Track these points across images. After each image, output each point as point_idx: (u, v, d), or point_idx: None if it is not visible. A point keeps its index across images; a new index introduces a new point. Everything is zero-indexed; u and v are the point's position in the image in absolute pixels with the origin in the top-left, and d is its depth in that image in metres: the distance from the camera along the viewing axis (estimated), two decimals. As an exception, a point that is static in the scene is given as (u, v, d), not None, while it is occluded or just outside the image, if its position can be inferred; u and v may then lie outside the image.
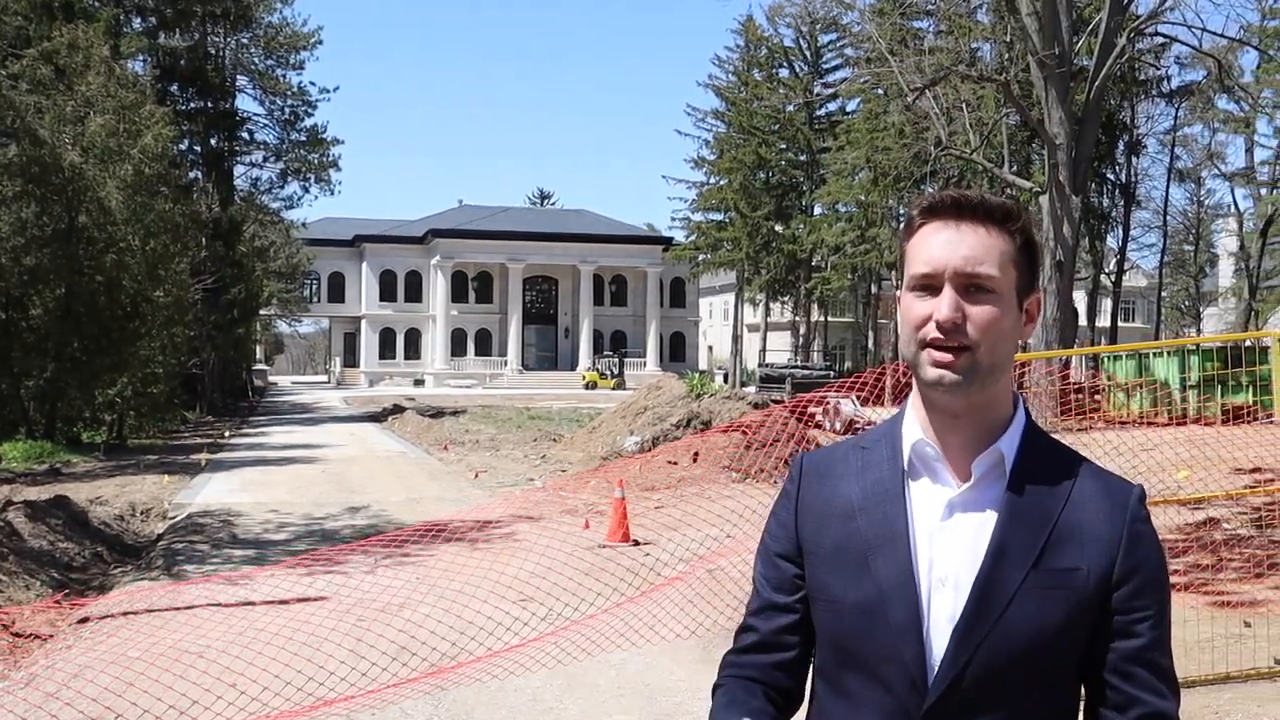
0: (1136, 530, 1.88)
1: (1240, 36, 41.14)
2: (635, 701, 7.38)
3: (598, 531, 13.70)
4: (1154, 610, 1.87)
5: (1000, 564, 1.83)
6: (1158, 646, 1.87)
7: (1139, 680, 1.86)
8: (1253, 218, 63.08)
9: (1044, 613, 1.82)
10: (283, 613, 8.92)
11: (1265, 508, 13.28)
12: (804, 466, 2.07)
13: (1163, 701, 1.86)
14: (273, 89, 57.61)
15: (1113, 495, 1.91)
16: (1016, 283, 1.88)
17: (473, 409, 46.66)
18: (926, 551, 1.88)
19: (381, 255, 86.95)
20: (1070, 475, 1.91)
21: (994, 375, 1.86)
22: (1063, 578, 1.84)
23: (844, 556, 1.92)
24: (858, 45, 59.75)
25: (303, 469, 23.87)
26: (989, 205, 1.88)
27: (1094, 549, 1.85)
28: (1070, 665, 1.88)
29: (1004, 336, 1.85)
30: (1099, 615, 1.86)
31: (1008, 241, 1.87)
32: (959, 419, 1.89)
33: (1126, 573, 1.86)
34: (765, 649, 2.05)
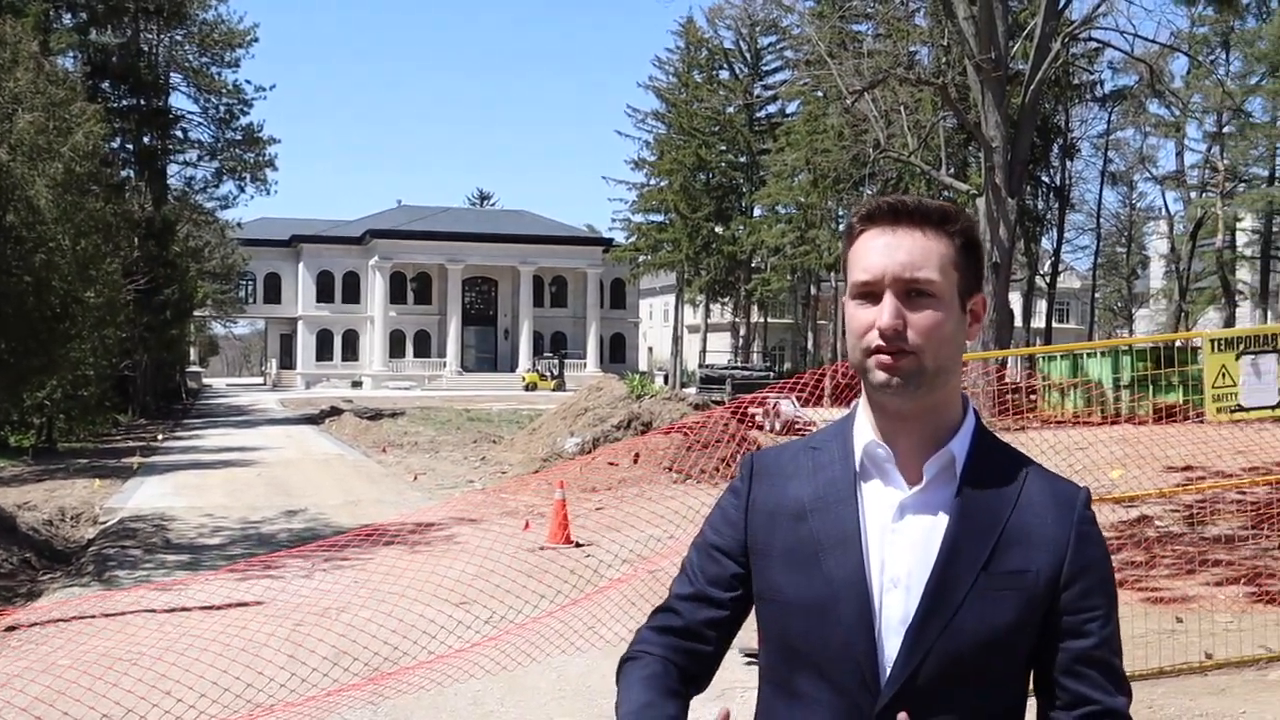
0: (1084, 531, 1.89)
1: (1171, 43, 41.79)
2: (576, 704, 7.34)
3: (538, 533, 13.65)
4: (1102, 610, 1.88)
5: (951, 566, 1.84)
6: (1107, 645, 1.88)
7: (1089, 679, 1.86)
8: (1183, 220, 64.12)
9: (994, 614, 1.83)
10: (218, 618, 8.79)
11: (1196, 505, 13.50)
12: (754, 466, 2.06)
13: (1112, 699, 1.87)
14: (207, 87, 56.94)
15: (1060, 497, 1.92)
16: (958, 284, 1.88)
17: (411, 411, 46.36)
18: (878, 553, 1.87)
19: (319, 256, 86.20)
20: (1018, 477, 1.92)
21: (940, 378, 1.87)
22: (1012, 579, 1.84)
23: (796, 557, 1.92)
24: (797, 48, 60.14)
25: (238, 472, 23.60)
26: (926, 209, 1.88)
27: (1043, 551, 1.86)
28: (1020, 665, 1.89)
29: (947, 339, 1.86)
30: (1048, 616, 1.87)
31: (947, 244, 1.87)
32: (908, 421, 1.89)
33: (1075, 574, 1.87)
34: (686, 635, 2.04)
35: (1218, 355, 7.39)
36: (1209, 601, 9.28)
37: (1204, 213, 58.16)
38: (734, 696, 7.12)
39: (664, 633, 2.06)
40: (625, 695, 1.98)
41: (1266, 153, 57.36)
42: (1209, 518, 12.91)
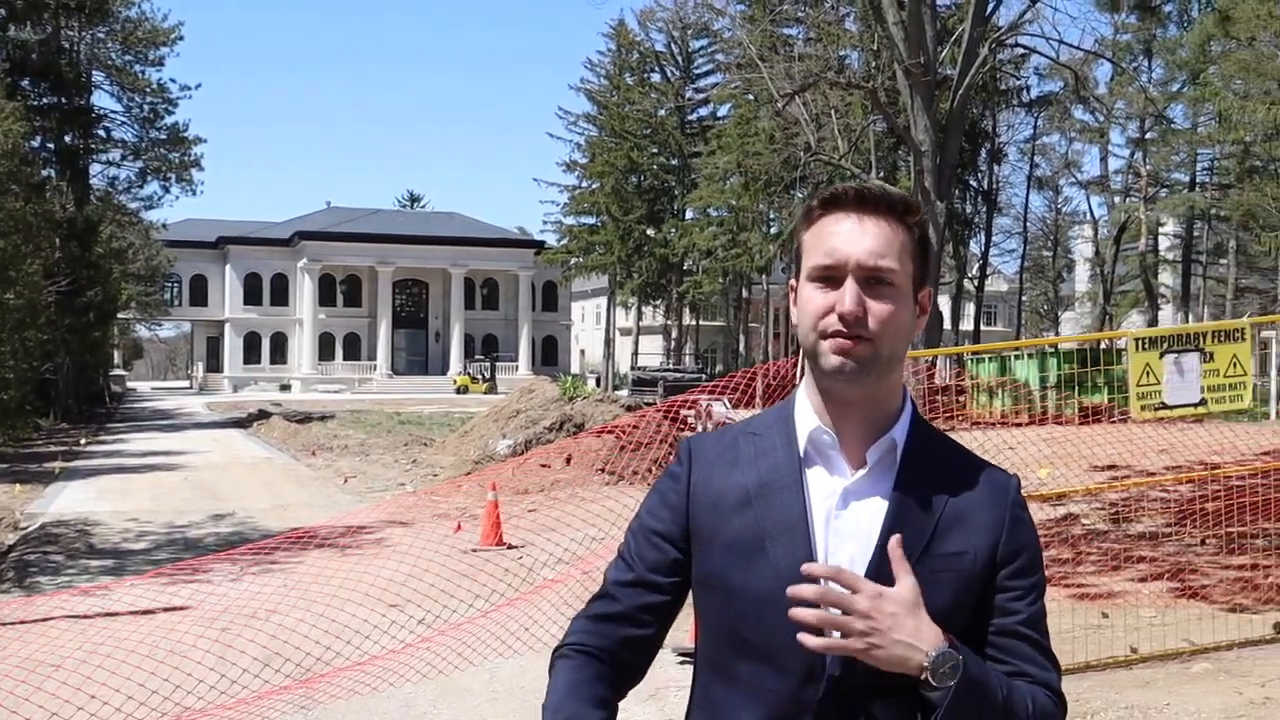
0: (1017, 515, 1.94)
1: (1095, 49, 42.46)
2: (510, 705, 7.31)
3: (470, 535, 13.57)
4: (1035, 589, 1.93)
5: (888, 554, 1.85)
6: (1037, 622, 1.92)
7: (1021, 654, 1.90)
8: (1107, 225, 65.23)
9: (934, 597, 1.83)
10: (144, 623, 8.65)
11: (1120, 503, 13.73)
12: (692, 450, 2.05)
13: (1046, 673, 1.91)
14: (131, 85, 55.93)
15: (993, 482, 1.96)
16: (913, 275, 1.90)
17: (341, 414, 45.92)
18: (823, 539, 1.88)
19: (246, 258, 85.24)
20: (954, 464, 1.96)
21: (890, 366, 1.89)
22: (951, 561, 1.87)
23: (741, 545, 1.91)
24: (729, 51, 60.45)
25: (164, 476, 23.24)
26: (891, 198, 1.90)
27: (979, 533, 1.90)
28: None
29: (902, 329, 1.88)
30: (982, 595, 1.90)
31: (907, 234, 1.89)
32: (853, 407, 1.90)
33: (1010, 554, 1.91)
34: (624, 621, 2.02)
35: (1142, 354, 7.50)
36: (1134, 597, 9.43)
37: (1127, 217, 59.21)
38: (667, 696, 7.13)
39: (602, 620, 2.04)
40: (552, 701, 1.95)
41: (1187, 158, 58.52)
42: (1133, 516, 13.13)
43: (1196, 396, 7.44)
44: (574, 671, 1.99)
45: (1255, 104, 34.60)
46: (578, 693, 1.95)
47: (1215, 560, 10.68)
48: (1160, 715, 6.57)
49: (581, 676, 1.97)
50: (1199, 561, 10.70)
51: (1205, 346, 7.44)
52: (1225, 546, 10.86)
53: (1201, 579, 9.94)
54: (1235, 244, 56.54)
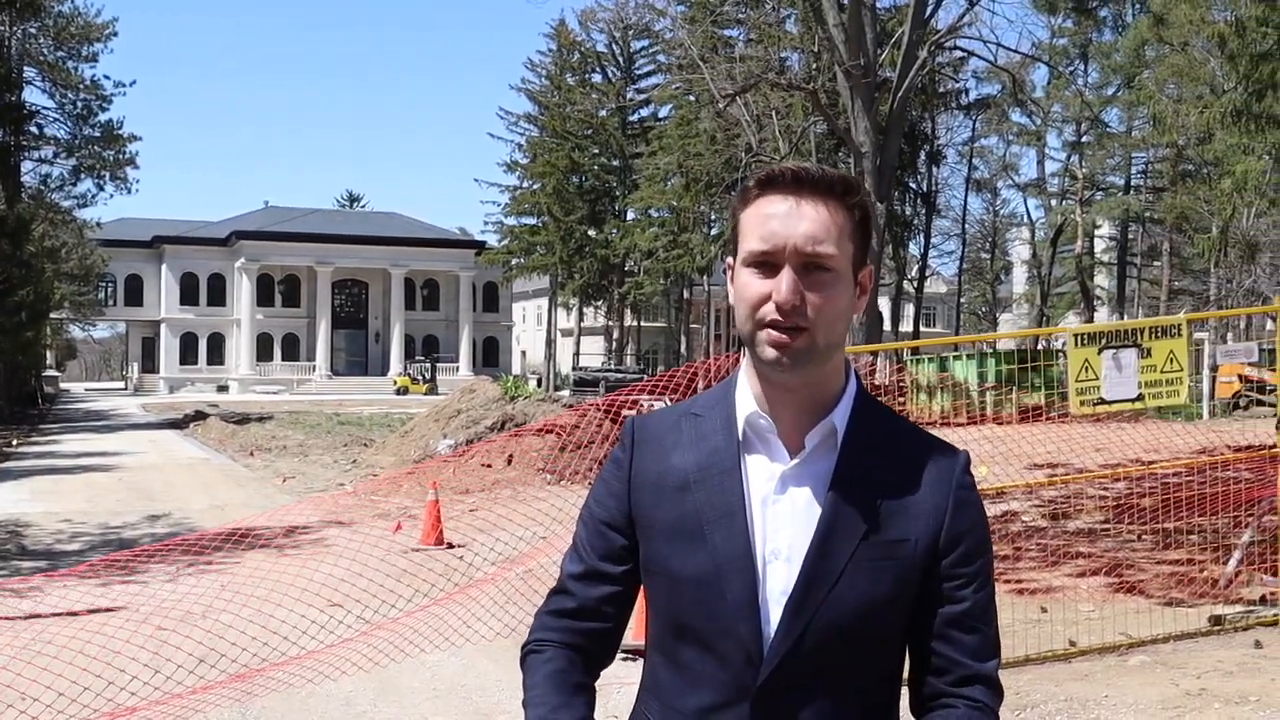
0: (961, 498, 1.88)
1: (1032, 53, 43.00)
2: (451, 702, 7.25)
3: (411, 535, 13.46)
4: (977, 576, 1.89)
5: (830, 538, 1.82)
6: (979, 611, 1.89)
7: (959, 644, 1.87)
8: (1044, 227, 66.07)
9: (874, 585, 1.81)
10: (75, 624, 8.48)
11: (1059, 500, 13.89)
12: (635, 434, 2.02)
13: (981, 664, 1.87)
14: (64, 82, 55.08)
15: (939, 463, 1.90)
16: (853, 257, 1.85)
17: (280, 415, 45.48)
18: (761, 525, 1.85)
19: (183, 257, 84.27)
20: (899, 445, 1.91)
21: (830, 353, 1.84)
22: (891, 549, 1.83)
23: (681, 530, 1.89)
24: (670, 52, 60.45)
25: (98, 477, 22.88)
26: (829, 179, 1.83)
27: (921, 519, 1.85)
28: (897, 633, 1.89)
29: (840, 315, 1.83)
30: (925, 583, 1.86)
31: (846, 216, 1.83)
32: (792, 392, 1.87)
33: (952, 540, 1.86)
34: (584, 615, 2.02)
35: (1081, 350, 7.57)
36: (1072, 592, 9.52)
37: (1064, 220, 59.94)
38: (610, 693, 7.10)
39: (561, 616, 2.03)
40: (534, 695, 1.94)
41: (1122, 162, 59.43)
42: (1071, 513, 13.28)
43: (1134, 392, 7.51)
44: (547, 663, 1.98)
45: (1188, 108, 35.11)
46: (557, 684, 1.94)
47: (1151, 556, 10.83)
48: (1099, 707, 6.63)
49: (556, 667, 1.97)
50: (1135, 557, 10.84)
51: (1143, 343, 7.52)
52: (1161, 542, 11.00)
53: (1138, 574, 10.07)
54: (1169, 246, 57.42)
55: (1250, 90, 22.43)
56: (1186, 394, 7.66)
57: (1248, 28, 22.15)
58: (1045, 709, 6.58)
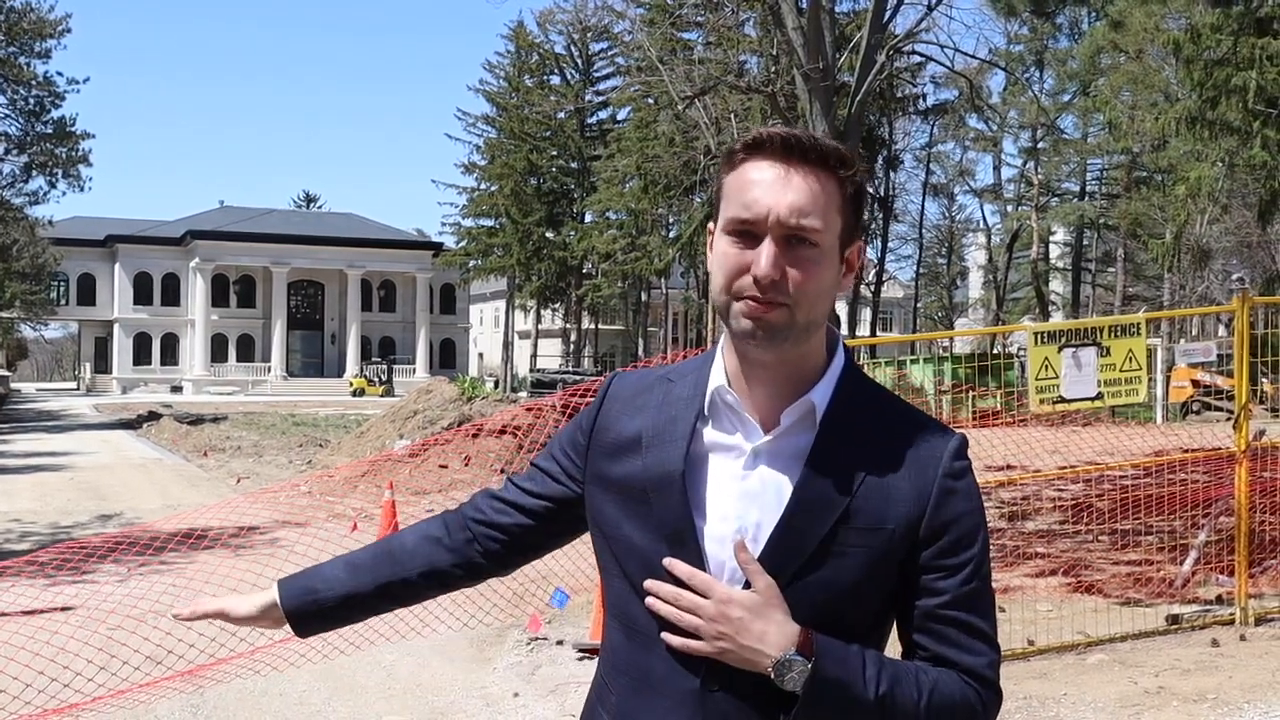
0: (947, 486, 1.78)
1: (990, 58, 43.26)
2: (406, 701, 7.17)
3: (366, 535, 13.33)
4: (967, 567, 1.78)
5: (800, 519, 1.74)
6: (968, 603, 1.78)
7: (947, 638, 1.77)
8: (1000, 232, 66.59)
9: (845, 570, 1.74)
10: (23, 624, 8.33)
11: (1015, 501, 13.96)
12: (610, 390, 1.98)
13: (972, 658, 1.77)
14: (15, 78, 54.38)
15: (926, 446, 1.79)
16: (841, 233, 1.76)
17: (235, 416, 45.08)
18: (723, 500, 1.78)
19: (136, 257, 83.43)
20: (886, 426, 1.81)
21: (809, 331, 1.76)
22: (866, 535, 1.74)
23: (628, 493, 1.84)
24: (629, 54, 60.49)
25: (49, 477, 22.56)
26: (823, 149, 1.73)
27: (901, 505, 1.76)
28: (873, 621, 1.81)
29: (823, 293, 1.75)
30: (905, 572, 1.78)
31: (837, 189, 1.74)
32: (768, 368, 1.79)
33: (935, 530, 1.76)
34: (497, 510, 2.07)
35: (1041, 348, 7.59)
36: (1030, 591, 9.55)
37: (1019, 225, 60.47)
38: (567, 692, 7.04)
39: (493, 497, 2.10)
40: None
41: (1077, 168, 60.02)
42: (1028, 513, 13.35)
43: (1093, 390, 7.54)
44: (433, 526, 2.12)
45: (1143, 114, 35.50)
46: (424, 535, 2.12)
47: (1108, 556, 10.89)
48: (1058, 705, 6.64)
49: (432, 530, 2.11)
50: (1092, 557, 10.90)
51: (1102, 341, 7.54)
52: (1118, 543, 11.06)
53: (1095, 574, 10.11)
54: (1123, 252, 58.02)
55: (1204, 97, 22.68)
56: (1146, 392, 7.70)
57: (1202, 34, 22.40)
58: (1005, 707, 6.57)
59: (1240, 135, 24.12)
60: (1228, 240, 44.99)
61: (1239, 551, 8.15)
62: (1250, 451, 7.89)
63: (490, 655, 8.11)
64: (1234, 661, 7.39)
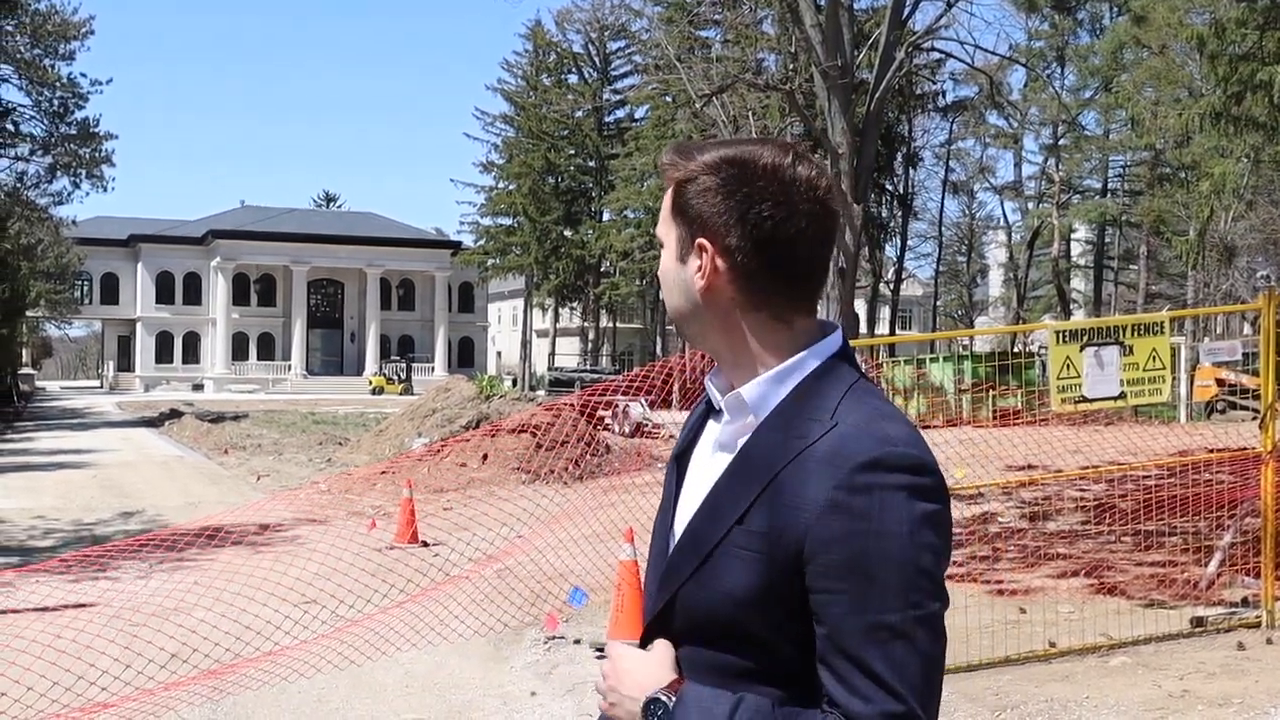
0: (838, 500, 1.59)
1: (1010, 55, 43.10)
2: (424, 699, 7.16)
3: (385, 533, 13.36)
4: (855, 594, 1.58)
5: (707, 515, 1.72)
6: (863, 637, 1.57)
7: (837, 672, 1.59)
8: (1020, 230, 66.25)
9: (739, 574, 1.65)
10: (47, 619, 8.37)
11: (1036, 501, 13.88)
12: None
13: (858, 703, 1.56)
14: (40, 79, 54.71)
15: (837, 454, 1.62)
16: (680, 232, 1.80)
17: (255, 414, 45.22)
18: (694, 487, 1.83)
19: (159, 256, 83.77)
20: (823, 428, 1.66)
21: (690, 325, 1.83)
22: (758, 540, 1.64)
23: (663, 497, 1.93)
24: (646, 53, 60.49)
25: (72, 474, 22.67)
26: (662, 163, 1.85)
27: (791, 513, 1.62)
28: (790, 630, 1.66)
29: (669, 290, 1.84)
30: (800, 590, 1.63)
31: (673, 192, 1.82)
32: (717, 361, 1.85)
33: (816, 546, 1.60)
34: None
35: (1063, 347, 7.52)
36: (1051, 593, 9.48)
37: (1040, 223, 60.14)
38: (585, 691, 7.03)
39: None
40: None
41: (1099, 165, 59.65)
42: (1049, 513, 13.27)
43: (1116, 389, 7.47)
44: None
45: (1166, 110, 35.27)
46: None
47: (1130, 557, 10.80)
48: (1080, 708, 6.58)
49: None
50: (1115, 558, 10.81)
51: (1125, 340, 7.48)
52: (1141, 544, 10.98)
53: (1118, 575, 10.03)
54: (1146, 249, 57.63)
55: (1229, 92, 22.48)
56: (1169, 391, 7.63)
57: (1227, 29, 22.20)
58: (1026, 709, 6.52)
59: (1265, 131, 23.92)
60: (1253, 237, 44.74)
61: (1265, 553, 8.07)
62: (1276, 452, 7.81)
63: (508, 654, 8.10)
64: (1260, 665, 7.32)
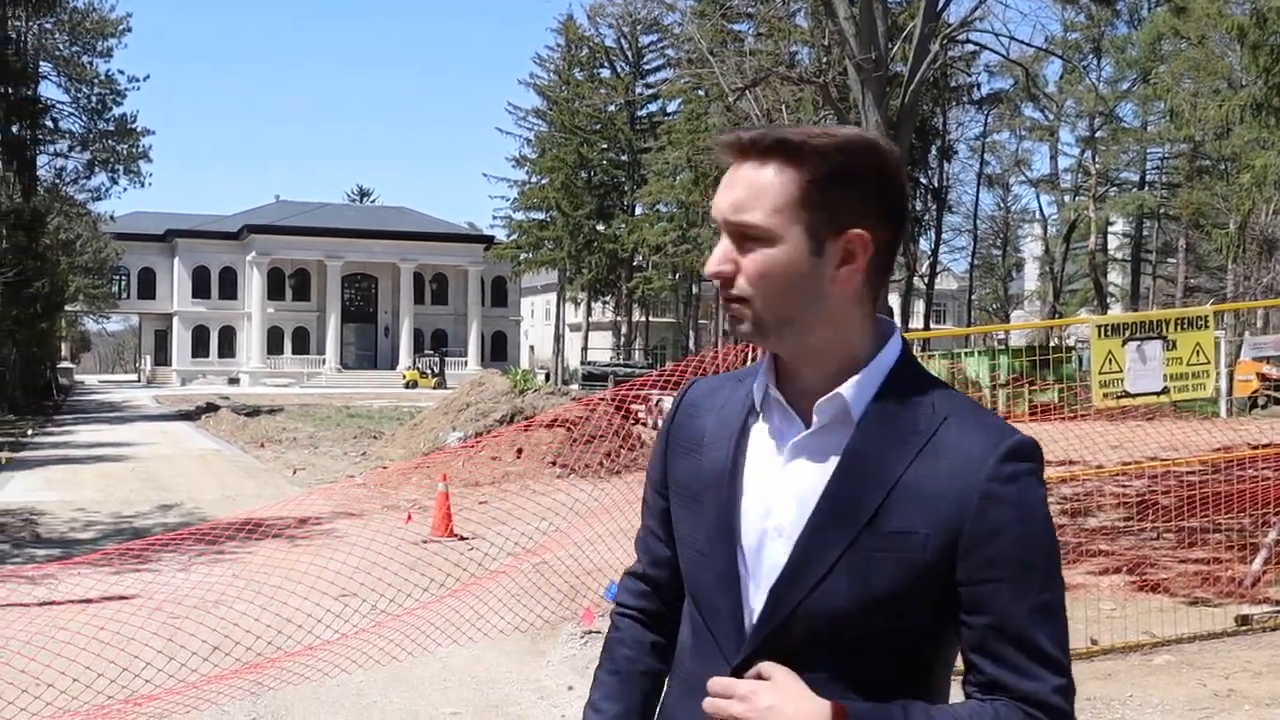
0: (991, 491, 1.61)
1: (1046, 47, 42.74)
2: (461, 694, 7.17)
3: (421, 526, 13.40)
4: (1011, 579, 1.61)
5: (827, 520, 1.66)
6: (1028, 621, 1.60)
7: (1005, 660, 1.61)
8: (1056, 223, 65.83)
9: (873, 577, 1.63)
10: (89, 611, 8.43)
11: (1075, 497, 13.77)
12: (686, 395, 1.96)
13: (1033, 684, 1.60)
14: (78, 76, 55.26)
15: (975, 449, 1.64)
16: (811, 222, 1.65)
17: (290, 407, 45.51)
18: (762, 497, 1.73)
19: (195, 251, 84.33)
20: (933, 423, 1.67)
21: (787, 327, 1.69)
22: (894, 541, 1.62)
23: (687, 493, 1.83)
24: (679, 46, 60.41)
25: (111, 467, 22.86)
26: (764, 141, 1.66)
27: (937, 510, 1.62)
28: (918, 633, 1.68)
29: (785, 288, 1.66)
30: (946, 586, 1.64)
31: (790, 178, 1.64)
32: (793, 362, 1.74)
33: (976, 540, 1.61)
34: (646, 580, 2.02)
35: (1104, 341, 7.45)
36: (1093, 589, 9.38)
37: (1077, 216, 59.70)
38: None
39: (633, 578, 2.06)
40: (595, 679, 2.00)
41: (1137, 157, 59.13)
42: (1089, 510, 13.17)
43: (1159, 384, 7.39)
44: (618, 646, 2.01)
45: (1206, 102, 34.91)
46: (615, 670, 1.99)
47: (1173, 554, 10.69)
48: (1124, 707, 6.53)
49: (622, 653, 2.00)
50: (1157, 555, 10.71)
51: (1168, 334, 7.40)
52: (1184, 540, 10.87)
53: (1160, 572, 9.93)
54: (1184, 243, 57.11)
55: (1270, 83, 22.23)
56: (1213, 386, 7.55)
57: (1268, 19, 21.93)
58: (1068, 707, 6.47)
59: (1308, 122, 23.69)
60: (1294, 229, 44.22)
61: (1310, 550, 7.99)
62: (1322, 447, 7.72)
63: (544, 648, 8.10)
64: (1306, 663, 7.24)
